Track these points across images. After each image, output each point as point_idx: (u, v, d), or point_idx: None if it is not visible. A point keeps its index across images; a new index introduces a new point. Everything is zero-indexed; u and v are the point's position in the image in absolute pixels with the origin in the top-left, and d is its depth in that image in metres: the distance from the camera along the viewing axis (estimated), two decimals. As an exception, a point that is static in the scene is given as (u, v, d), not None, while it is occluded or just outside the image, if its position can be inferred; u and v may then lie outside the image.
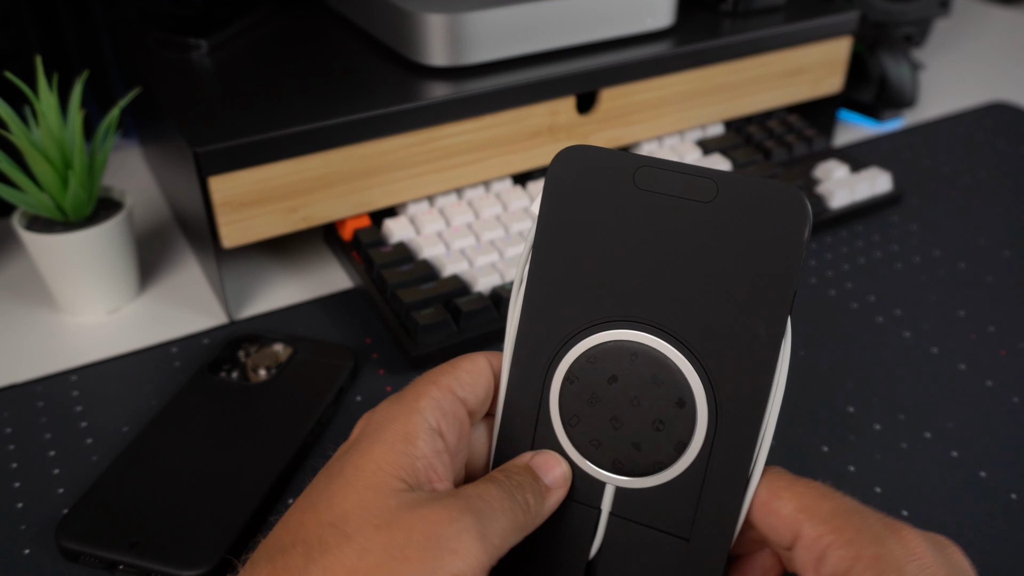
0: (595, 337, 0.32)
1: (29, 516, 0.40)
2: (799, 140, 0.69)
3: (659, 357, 0.31)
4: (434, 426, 0.30)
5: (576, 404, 0.32)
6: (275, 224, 0.52)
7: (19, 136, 0.48)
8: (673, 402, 0.31)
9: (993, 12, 1.11)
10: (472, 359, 0.33)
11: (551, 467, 0.32)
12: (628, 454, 0.31)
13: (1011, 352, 0.51)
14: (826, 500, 0.29)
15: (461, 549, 0.26)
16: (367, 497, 0.28)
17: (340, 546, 0.26)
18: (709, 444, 0.30)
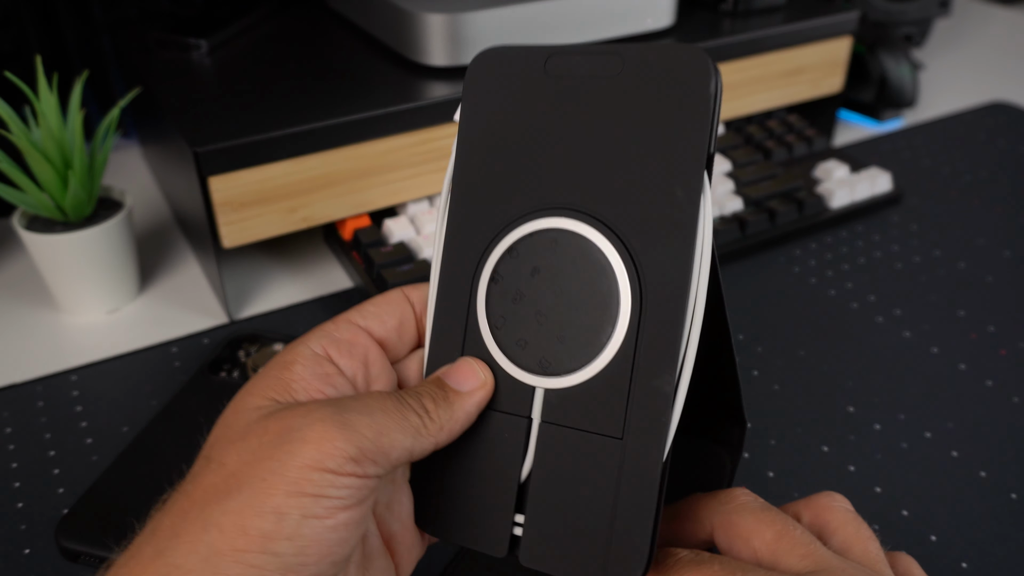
0: (516, 231, 0.30)
1: (29, 516, 0.40)
2: (799, 140, 0.69)
3: (578, 240, 0.29)
4: (319, 352, 0.29)
5: (502, 305, 0.30)
6: (275, 224, 0.52)
7: (19, 136, 0.48)
8: (595, 284, 0.29)
9: (993, 12, 1.11)
10: (385, 293, 0.32)
11: (465, 374, 0.30)
12: (554, 350, 0.29)
13: (1011, 352, 0.51)
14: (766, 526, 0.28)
15: (313, 437, 0.24)
16: (231, 420, 0.27)
17: (202, 469, 0.26)
18: (635, 326, 0.28)
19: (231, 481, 0.24)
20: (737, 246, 0.58)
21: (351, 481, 0.24)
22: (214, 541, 0.23)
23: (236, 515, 0.23)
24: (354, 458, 0.25)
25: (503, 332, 0.30)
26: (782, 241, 0.61)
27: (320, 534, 0.24)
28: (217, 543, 0.23)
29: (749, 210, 0.61)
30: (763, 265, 0.59)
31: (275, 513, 0.23)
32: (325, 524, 0.24)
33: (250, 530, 0.23)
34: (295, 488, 0.24)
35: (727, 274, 0.58)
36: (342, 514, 0.24)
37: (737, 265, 0.59)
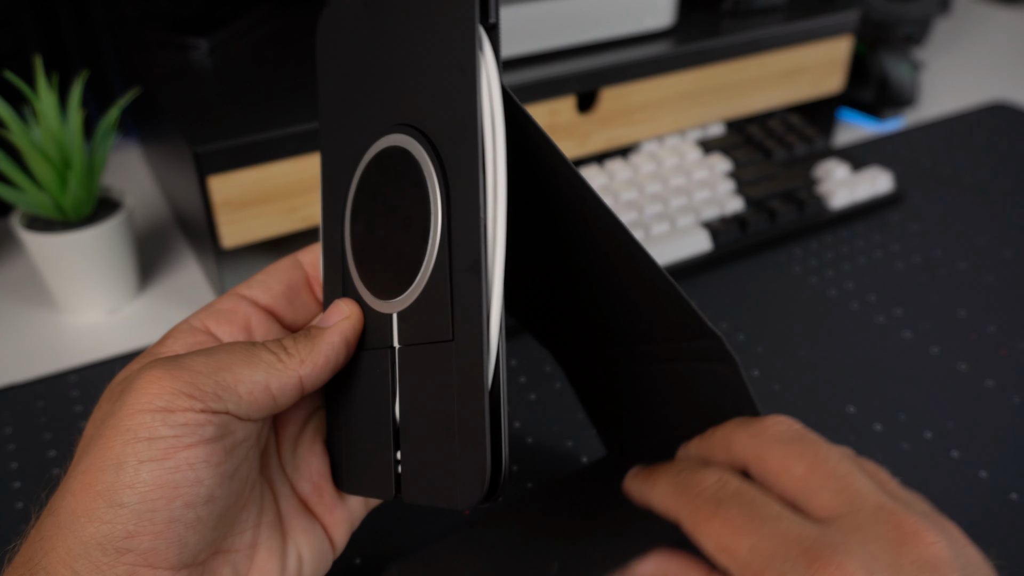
0: (360, 165, 0.30)
1: (29, 516, 0.40)
2: (799, 140, 0.69)
3: (395, 150, 0.28)
4: (196, 326, 0.29)
5: (359, 239, 0.30)
6: (275, 224, 0.52)
7: (19, 136, 0.48)
8: (411, 188, 0.28)
9: (993, 12, 1.11)
10: (278, 262, 0.32)
11: (331, 312, 0.29)
12: (395, 269, 0.28)
13: (1011, 352, 0.51)
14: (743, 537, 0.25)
15: (142, 384, 0.24)
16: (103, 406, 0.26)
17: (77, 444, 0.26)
18: (447, 221, 0.27)
19: (81, 448, 0.25)
20: (737, 246, 0.58)
21: (187, 417, 0.24)
22: (69, 505, 0.24)
23: (83, 475, 0.24)
24: (187, 393, 0.24)
25: (363, 268, 0.30)
26: (782, 241, 0.61)
27: (161, 476, 0.23)
28: (72, 506, 0.23)
29: (749, 210, 0.61)
30: (763, 265, 0.59)
31: (115, 464, 0.23)
32: (164, 465, 0.23)
33: (96, 485, 0.23)
34: (130, 436, 0.23)
35: (727, 274, 0.58)
36: (183, 453, 0.24)
37: (737, 265, 0.59)
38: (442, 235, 0.27)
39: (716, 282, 0.57)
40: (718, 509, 0.26)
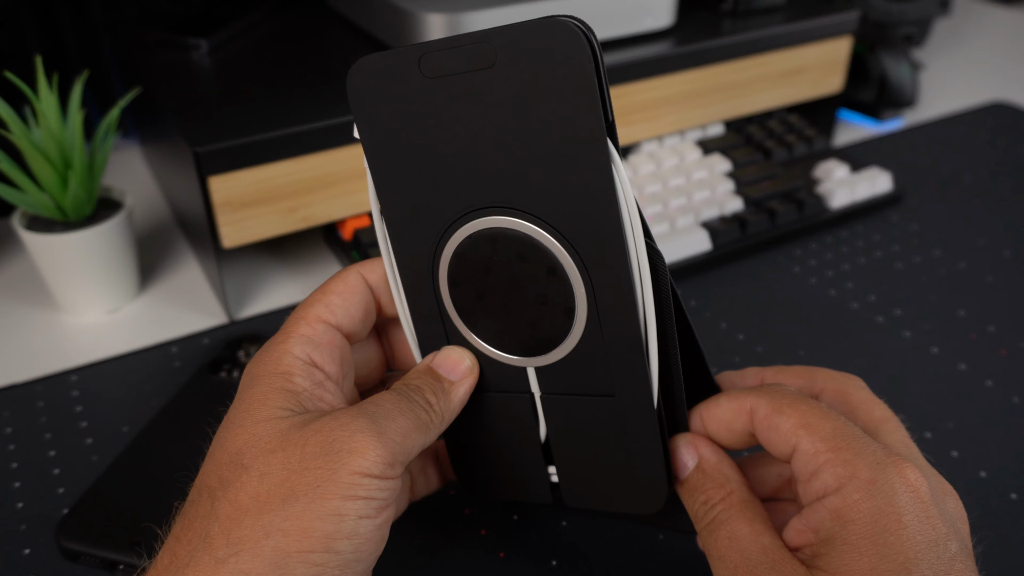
0: (454, 238, 0.31)
1: (29, 516, 0.40)
2: (799, 140, 0.69)
3: (513, 234, 0.30)
4: (308, 361, 0.30)
5: (468, 303, 0.32)
6: (275, 224, 0.52)
7: (19, 136, 0.48)
8: (544, 272, 0.30)
9: (993, 12, 1.11)
10: (343, 279, 0.33)
11: (453, 362, 0.32)
12: (529, 334, 0.32)
13: (1011, 352, 0.51)
14: (828, 420, 0.29)
15: (358, 447, 0.27)
16: (257, 430, 0.28)
17: (240, 477, 0.27)
18: (592, 299, 0.30)
19: (283, 489, 0.26)
20: (737, 246, 0.58)
21: (389, 483, 0.27)
22: (279, 545, 0.25)
23: (297, 520, 0.25)
24: (390, 463, 0.27)
25: (480, 328, 0.32)
26: (782, 241, 0.61)
27: (371, 532, 0.27)
28: (283, 546, 0.25)
29: (749, 210, 0.61)
30: (763, 265, 0.59)
31: (335, 515, 0.26)
32: (375, 523, 0.27)
33: (313, 532, 0.25)
34: (349, 492, 0.26)
35: (727, 274, 0.58)
36: (385, 512, 0.27)
37: (737, 265, 0.59)
38: (589, 311, 0.30)
39: (716, 282, 0.57)
40: (805, 400, 0.30)
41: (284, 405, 0.28)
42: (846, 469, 0.27)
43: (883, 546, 0.26)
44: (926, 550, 0.26)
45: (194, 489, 0.28)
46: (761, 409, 0.30)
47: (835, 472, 0.27)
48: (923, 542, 0.26)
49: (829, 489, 0.27)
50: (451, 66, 0.29)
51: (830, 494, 0.27)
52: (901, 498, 0.26)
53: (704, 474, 0.31)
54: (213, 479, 0.27)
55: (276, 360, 0.30)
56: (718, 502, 0.30)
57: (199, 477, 0.28)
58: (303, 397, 0.29)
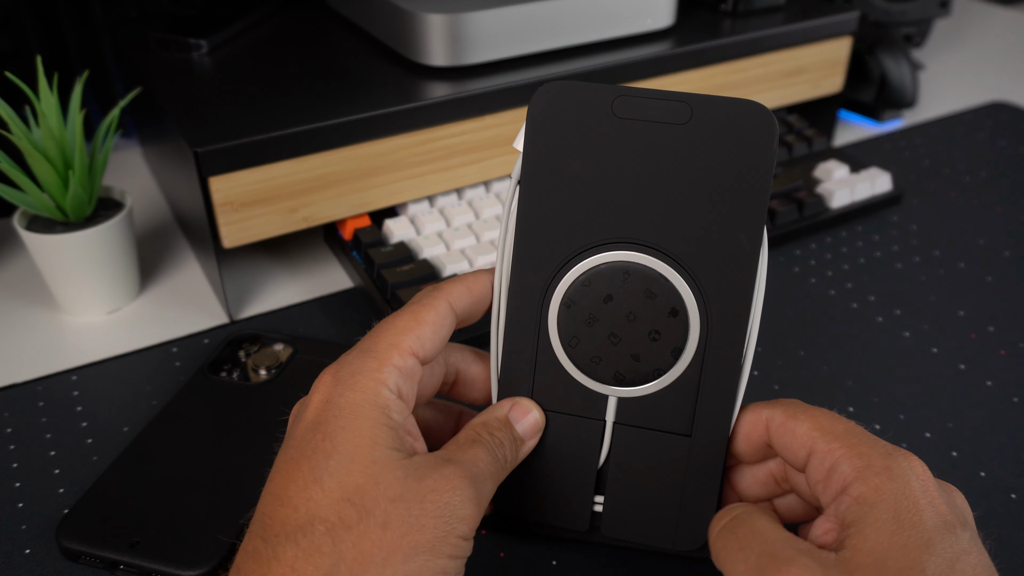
0: (587, 261, 0.34)
1: (29, 516, 0.40)
2: (799, 140, 0.69)
3: (650, 272, 0.33)
4: (398, 394, 0.32)
5: (575, 326, 0.34)
6: (275, 224, 0.52)
7: (19, 136, 0.48)
8: (667, 312, 0.33)
9: (993, 12, 1.11)
10: (435, 308, 0.34)
11: (525, 416, 0.35)
12: (628, 366, 0.34)
13: (1011, 352, 0.51)
14: (839, 422, 0.31)
15: (466, 516, 0.30)
16: (375, 471, 0.29)
17: (363, 521, 0.28)
18: (703, 346, 0.33)
19: (405, 543, 0.28)
20: (737, 246, 0.58)
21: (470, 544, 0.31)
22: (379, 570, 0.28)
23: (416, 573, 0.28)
24: (476, 516, 0.30)
25: (577, 350, 0.34)
26: (782, 241, 0.61)
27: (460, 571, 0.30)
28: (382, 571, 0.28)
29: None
30: (763, 265, 0.59)
31: (442, 572, 0.29)
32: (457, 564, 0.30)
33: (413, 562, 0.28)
34: (454, 553, 0.29)
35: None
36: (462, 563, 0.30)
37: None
38: (694, 360, 0.33)
39: (716, 282, 0.57)
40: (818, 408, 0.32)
41: (391, 444, 0.30)
42: (862, 460, 0.29)
43: (907, 524, 0.27)
44: (942, 532, 0.27)
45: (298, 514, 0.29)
46: (777, 418, 0.33)
47: (852, 463, 0.29)
48: (939, 524, 0.28)
49: (848, 479, 0.29)
50: (645, 113, 0.32)
51: (851, 483, 0.29)
52: (914, 484, 0.28)
53: None
54: (330, 513, 0.28)
55: (374, 391, 0.31)
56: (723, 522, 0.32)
57: (303, 502, 0.29)
58: (399, 432, 0.31)
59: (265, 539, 0.28)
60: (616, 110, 0.32)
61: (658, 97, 0.32)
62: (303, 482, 0.29)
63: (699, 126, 0.32)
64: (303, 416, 0.31)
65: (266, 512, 0.29)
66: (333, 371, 0.32)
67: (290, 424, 0.33)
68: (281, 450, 0.32)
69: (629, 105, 0.32)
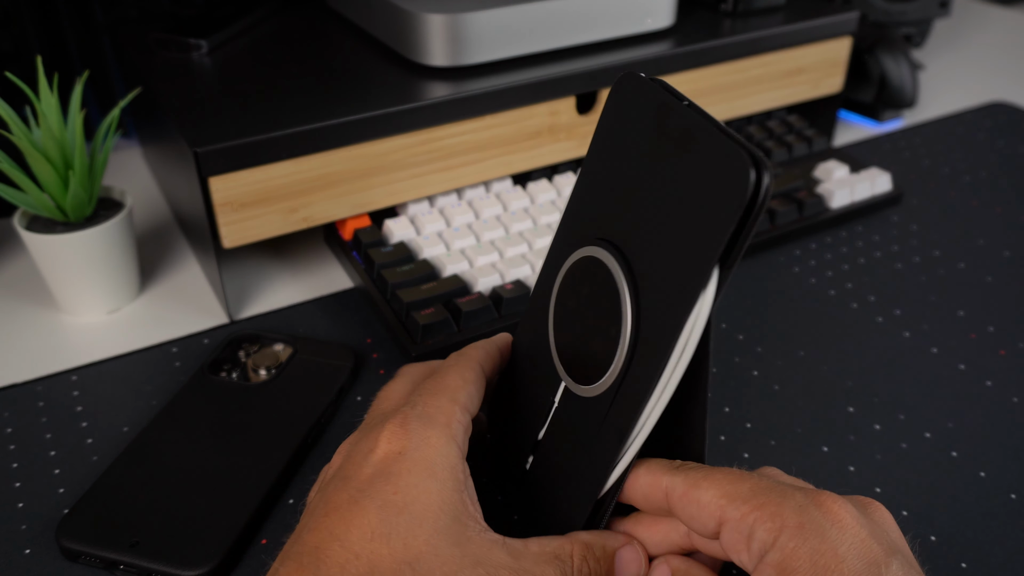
0: (586, 250, 0.34)
1: (29, 516, 0.40)
2: (799, 140, 0.69)
3: (613, 284, 0.33)
4: (464, 450, 0.33)
5: (562, 310, 0.36)
6: (275, 224, 0.52)
7: (20, 136, 0.48)
8: (612, 324, 0.33)
9: (993, 12, 1.11)
10: (473, 370, 0.36)
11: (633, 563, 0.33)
12: (576, 361, 0.35)
13: (1011, 352, 0.51)
14: (744, 482, 0.30)
15: None
16: (436, 542, 0.29)
17: None
18: (624, 372, 0.32)
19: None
20: (737, 246, 0.58)
21: None
22: None
23: None
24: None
25: (558, 330, 0.36)
26: (782, 241, 0.61)
27: None
28: None
29: (749, 210, 0.61)
30: (763, 265, 0.59)
31: None
32: None
33: None
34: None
35: (727, 274, 0.58)
36: None
37: (737, 265, 0.59)
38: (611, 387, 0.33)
39: (716, 282, 0.57)
40: (719, 469, 0.31)
41: (457, 513, 0.30)
42: (775, 522, 0.28)
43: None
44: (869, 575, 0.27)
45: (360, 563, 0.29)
46: (677, 488, 0.31)
47: (766, 527, 0.28)
48: (863, 568, 0.27)
49: (766, 546, 0.28)
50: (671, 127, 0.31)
51: (769, 551, 0.28)
52: (831, 533, 0.28)
53: None
54: (389, 570, 0.28)
55: (446, 451, 0.32)
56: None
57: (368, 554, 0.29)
58: (463, 497, 0.31)
59: (323, 572, 0.28)
60: (658, 115, 0.32)
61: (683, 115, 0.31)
62: (369, 531, 0.29)
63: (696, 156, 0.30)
64: (369, 460, 0.31)
65: (322, 548, 0.29)
66: (402, 422, 0.32)
67: (339, 461, 0.33)
68: (338, 487, 0.31)
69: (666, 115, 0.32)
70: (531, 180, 0.61)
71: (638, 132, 0.33)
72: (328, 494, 0.31)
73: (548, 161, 0.60)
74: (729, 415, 0.46)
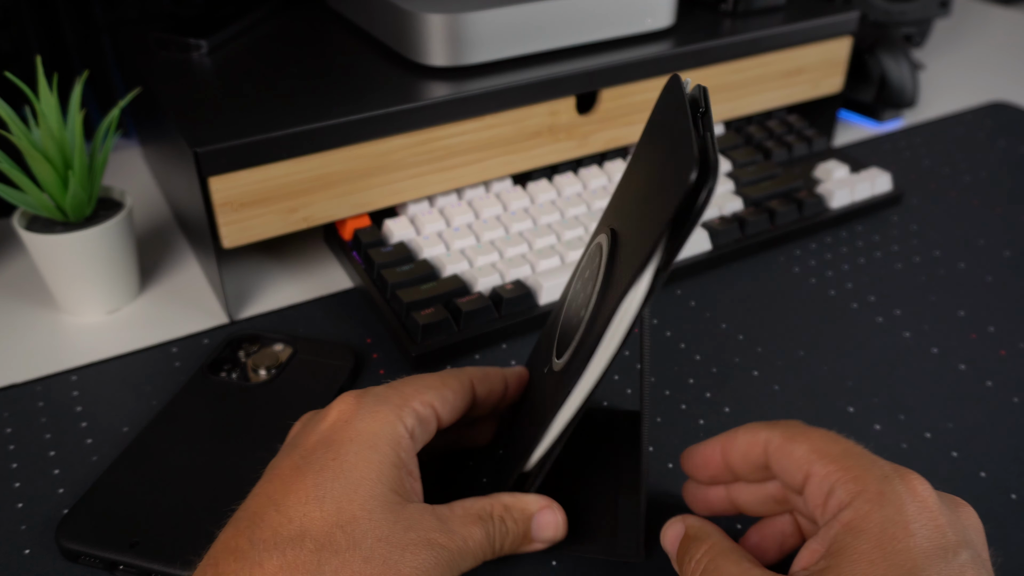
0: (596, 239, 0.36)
1: (29, 516, 0.40)
2: (799, 140, 0.69)
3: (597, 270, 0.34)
4: (411, 434, 0.33)
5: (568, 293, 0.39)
6: (275, 224, 0.52)
7: (19, 136, 0.48)
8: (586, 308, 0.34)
9: (993, 12, 1.11)
10: (460, 380, 0.37)
11: (550, 526, 0.36)
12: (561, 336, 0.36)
13: (1011, 352, 0.51)
14: (837, 444, 0.31)
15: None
16: (371, 506, 0.30)
17: (349, 550, 0.29)
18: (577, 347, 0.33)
19: None
20: (737, 246, 0.58)
21: None
22: None
23: None
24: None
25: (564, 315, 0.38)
26: (782, 241, 0.61)
27: None
28: None
29: (749, 210, 0.61)
30: (763, 265, 0.59)
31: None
32: None
33: None
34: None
35: (726, 274, 0.58)
36: None
37: (737, 265, 0.59)
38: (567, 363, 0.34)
39: (715, 282, 0.57)
40: (815, 429, 0.32)
41: (393, 485, 0.31)
42: (857, 484, 0.29)
43: (891, 553, 0.27)
44: (934, 556, 0.27)
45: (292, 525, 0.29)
46: (775, 440, 0.33)
47: (847, 488, 0.29)
48: (931, 548, 0.27)
49: (843, 504, 0.29)
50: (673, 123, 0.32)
51: (844, 509, 0.29)
52: (909, 508, 0.28)
53: (689, 538, 0.34)
54: (321, 534, 0.29)
55: (392, 425, 0.33)
56: (703, 554, 0.32)
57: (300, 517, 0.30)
58: (402, 472, 0.32)
59: (252, 541, 0.29)
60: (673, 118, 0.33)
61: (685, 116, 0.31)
62: (304, 495, 0.30)
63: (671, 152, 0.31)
64: (317, 428, 0.32)
65: (258, 513, 0.30)
66: (357, 396, 0.33)
67: (296, 430, 0.34)
68: (283, 453, 0.32)
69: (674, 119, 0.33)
70: (531, 180, 0.61)
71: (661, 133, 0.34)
72: (276, 461, 0.32)
73: (548, 161, 0.60)
74: (729, 415, 0.46)
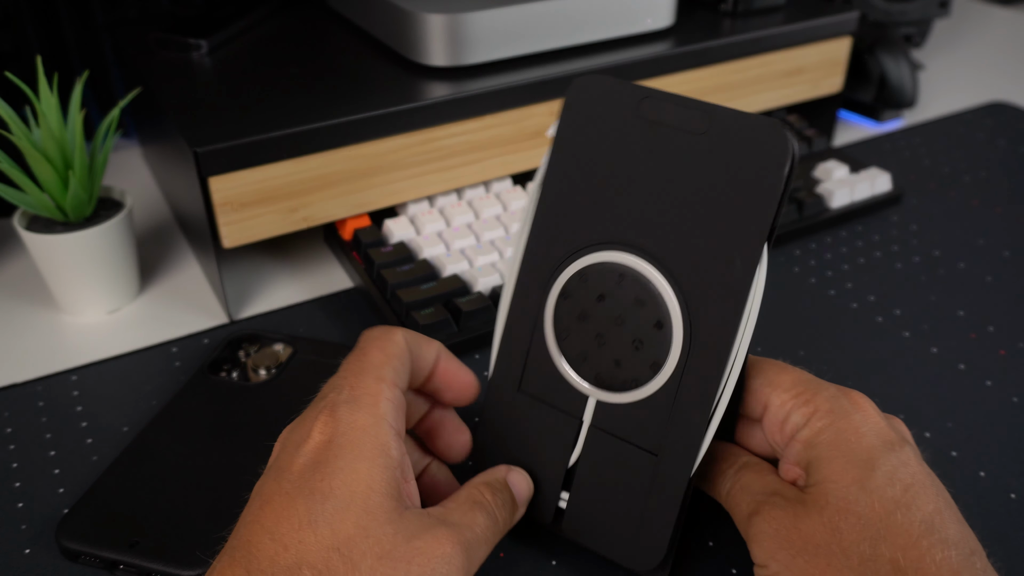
0: (589, 257, 0.34)
1: (29, 516, 0.40)
2: (799, 140, 0.69)
3: (643, 280, 0.33)
4: (396, 428, 0.32)
5: (568, 319, 0.34)
6: (275, 224, 0.52)
7: (20, 136, 0.48)
8: (652, 324, 0.33)
9: (993, 12, 1.11)
10: (395, 342, 0.34)
11: (521, 486, 0.36)
12: (609, 370, 0.34)
13: (1011, 352, 0.51)
14: (787, 373, 0.35)
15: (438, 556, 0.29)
16: (366, 523, 0.29)
17: (348, 574, 0.28)
18: (682, 367, 0.32)
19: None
20: (737, 246, 0.58)
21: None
22: None
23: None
24: None
25: (567, 343, 0.35)
26: (782, 241, 0.61)
27: None
28: None
29: (749, 210, 0.61)
30: (763, 265, 0.59)
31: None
32: None
33: None
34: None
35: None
36: None
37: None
38: (672, 377, 0.32)
39: (716, 282, 0.57)
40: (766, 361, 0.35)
41: (387, 490, 0.30)
42: (808, 407, 0.33)
43: (848, 451, 0.31)
44: (883, 448, 0.31)
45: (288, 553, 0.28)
46: None
47: (800, 412, 0.33)
48: (879, 444, 0.32)
49: (798, 427, 0.33)
50: (669, 118, 0.32)
51: (800, 430, 0.33)
52: (855, 417, 0.33)
53: (718, 459, 0.36)
54: (318, 560, 0.28)
55: (375, 427, 0.31)
56: (734, 471, 0.35)
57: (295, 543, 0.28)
58: (395, 474, 0.31)
59: (249, 572, 0.28)
60: (641, 111, 0.32)
61: (682, 103, 0.31)
62: (297, 522, 0.29)
63: (715, 139, 0.31)
64: (303, 451, 0.31)
65: (254, 543, 0.29)
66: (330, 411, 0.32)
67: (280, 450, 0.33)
68: (272, 478, 0.31)
69: (654, 107, 0.32)
70: (531, 180, 0.61)
71: (616, 132, 0.32)
72: (263, 486, 0.31)
73: (548, 161, 0.60)
74: (729, 415, 0.46)
